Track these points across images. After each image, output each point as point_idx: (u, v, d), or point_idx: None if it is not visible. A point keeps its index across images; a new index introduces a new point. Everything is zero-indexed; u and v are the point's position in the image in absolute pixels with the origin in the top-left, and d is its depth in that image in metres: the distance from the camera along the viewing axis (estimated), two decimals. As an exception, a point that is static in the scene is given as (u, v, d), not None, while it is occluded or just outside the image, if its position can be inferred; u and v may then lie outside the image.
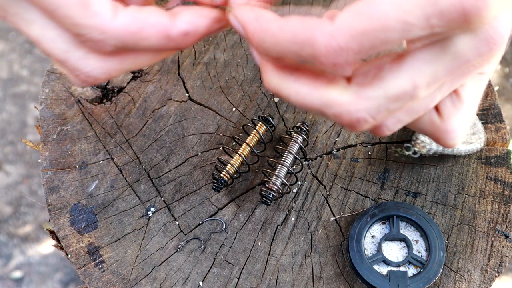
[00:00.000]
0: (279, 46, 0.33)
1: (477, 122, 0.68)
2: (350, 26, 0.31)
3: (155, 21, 0.35)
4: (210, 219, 0.66)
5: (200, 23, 0.36)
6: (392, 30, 0.30)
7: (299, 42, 0.32)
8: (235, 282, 0.63)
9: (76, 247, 0.64)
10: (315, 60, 0.32)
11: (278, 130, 0.71)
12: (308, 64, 0.33)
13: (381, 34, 0.31)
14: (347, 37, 0.31)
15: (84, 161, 0.69)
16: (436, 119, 0.38)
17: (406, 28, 0.30)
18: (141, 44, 0.35)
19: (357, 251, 0.61)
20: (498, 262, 0.63)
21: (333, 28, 0.31)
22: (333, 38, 0.31)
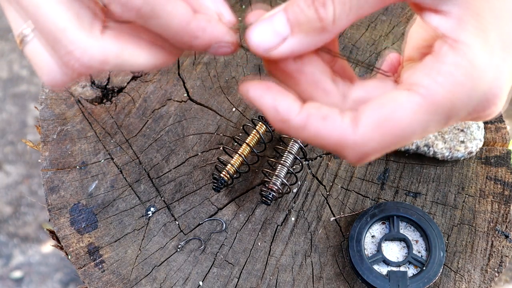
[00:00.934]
0: (303, 139, 0.36)
1: (476, 131, 0.66)
2: (375, 143, 0.34)
3: (181, 3, 0.34)
4: (210, 219, 0.66)
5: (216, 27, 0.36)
6: (413, 139, 0.34)
7: (326, 145, 0.35)
8: (235, 282, 0.63)
9: (76, 247, 0.64)
10: (341, 155, 0.36)
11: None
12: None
13: (402, 144, 0.34)
14: (372, 151, 0.34)
15: (84, 161, 0.69)
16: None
17: (425, 135, 0.35)
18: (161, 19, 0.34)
19: (357, 251, 0.61)
20: (498, 262, 0.63)
21: (359, 143, 0.34)
22: (360, 150, 0.34)
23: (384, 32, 0.77)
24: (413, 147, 0.66)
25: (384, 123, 0.33)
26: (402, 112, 0.33)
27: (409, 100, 0.33)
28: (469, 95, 0.33)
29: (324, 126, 0.34)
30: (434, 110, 0.33)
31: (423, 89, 0.33)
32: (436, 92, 0.33)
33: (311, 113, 0.35)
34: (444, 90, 0.32)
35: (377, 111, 0.34)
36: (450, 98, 0.33)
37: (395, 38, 0.77)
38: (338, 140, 0.34)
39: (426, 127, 0.33)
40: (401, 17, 0.78)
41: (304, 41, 0.35)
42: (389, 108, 0.33)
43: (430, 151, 0.65)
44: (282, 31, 0.35)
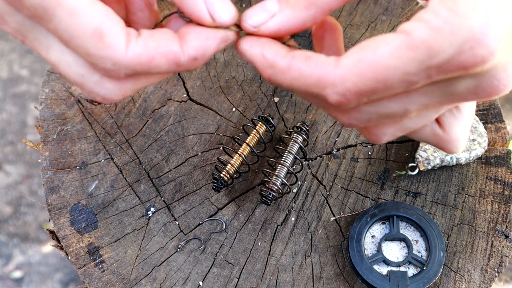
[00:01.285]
0: (288, 83, 0.36)
1: (478, 126, 0.67)
2: (356, 77, 0.33)
3: (165, 50, 0.36)
4: (210, 219, 0.66)
5: (208, 46, 0.37)
6: (394, 81, 0.33)
7: (309, 85, 0.35)
8: (235, 282, 0.63)
9: (76, 247, 0.64)
10: (323, 100, 0.36)
11: (278, 130, 0.71)
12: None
13: (383, 85, 0.33)
14: (356, 96, 0.34)
15: (84, 161, 0.69)
16: (438, 131, 0.40)
17: (409, 85, 0.33)
18: (152, 71, 0.37)
19: (357, 251, 0.61)
20: (498, 262, 0.63)
21: (339, 78, 0.34)
22: (340, 87, 0.34)
23: (384, 32, 0.77)
24: (438, 162, 0.65)
25: (365, 58, 0.33)
26: (384, 48, 0.33)
27: (393, 38, 0.33)
28: (452, 32, 0.32)
29: (307, 66, 0.35)
30: (416, 46, 0.32)
31: (409, 27, 0.33)
32: (420, 29, 0.32)
33: (295, 55, 0.36)
34: (426, 27, 0.32)
35: (361, 49, 0.34)
36: (433, 34, 0.32)
37: (395, 38, 0.77)
38: (319, 77, 0.35)
39: (407, 65, 0.33)
40: (401, 17, 0.78)
41: (291, 16, 0.36)
42: (372, 45, 0.34)
43: (453, 159, 0.65)
44: (271, 8, 0.37)
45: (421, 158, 0.65)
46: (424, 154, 0.65)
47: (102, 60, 0.35)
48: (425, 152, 0.65)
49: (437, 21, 0.32)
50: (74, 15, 0.34)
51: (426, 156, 0.65)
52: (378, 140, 0.40)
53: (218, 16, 0.37)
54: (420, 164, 0.65)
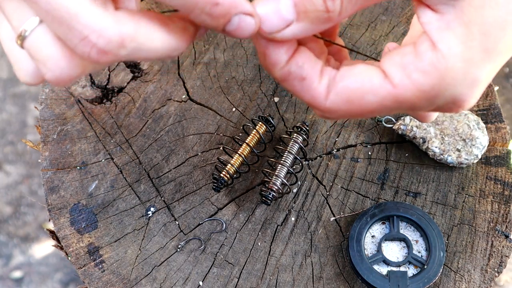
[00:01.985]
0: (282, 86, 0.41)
1: (475, 144, 0.66)
2: (342, 113, 0.38)
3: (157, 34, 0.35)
4: (210, 219, 0.66)
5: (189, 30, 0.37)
6: (376, 115, 0.38)
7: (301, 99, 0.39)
8: (235, 282, 0.63)
9: (76, 247, 0.64)
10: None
11: (278, 130, 0.71)
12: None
13: (364, 117, 0.39)
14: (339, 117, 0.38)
15: (84, 161, 0.69)
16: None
17: (388, 113, 0.38)
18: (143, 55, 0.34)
19: (357, 251, 0.61)
20: (498, 262, 0.63)
21: (328, 110, 0.38)
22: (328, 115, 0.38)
23: (384, 32, 0.77)
24: (410, 135, 0.67)
25: (353, 100, 0.36)
26: (372, 97, 0.36)
27: (381, 86, 0.36)
28: (436, 97, 0.35)
29: (300, 87, 0.37)
30: (401, 102, 0.36)
31: (396, 80, 0.35)
32: (407, 87, 0.35)
33: (291, 72, 0.37)
34: (414, 87, 0.35)
35: (350, 86, 0.36)
36: (418, 95, 0.35)
37: (395, 38, 0.77)
38: (310, 101, 0.38)
39: (389, 111, 0.37)
40: (401, 17, 0.78)
41: (308, 28, 0.36)
42: (361, 87, 0.36)
43: (424, 146, 0.66)
44: (287, 16, 0.36)
45: (402, 121, 0.67)
46: (407, 120, 0.67)
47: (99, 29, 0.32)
48: (409, 120, 0.67)
49: (425, 85, 0.35)
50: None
51: (406, 123, 0.67)
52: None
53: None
54: (396, 124, 0.68)
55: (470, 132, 0.65)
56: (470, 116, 0.67)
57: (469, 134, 0.65)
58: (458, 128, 0.66)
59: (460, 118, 0.67)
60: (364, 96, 0.36)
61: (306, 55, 0.38)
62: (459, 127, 0.66)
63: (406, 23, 0.78)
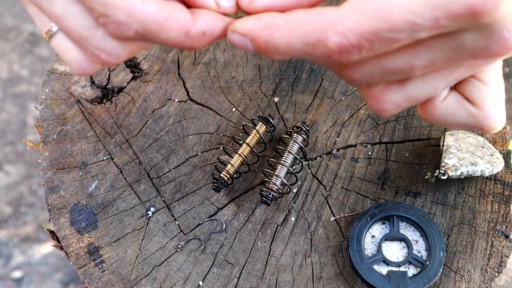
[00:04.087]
0: (286, 39, 0.33)
1: (490, 145, 0.66)
2: (358, 16, 0.31)
3: (179, 16, 0.35)
4: (210, 219, 0.66)
5: (216, 26, 0.36)
6: (402, 31, 0.31)
7: (308, 33, 0.33)
8: (235, 282, 0.63)
9: (76, 247, 0.64)
10: (324, 49, 0.33)
11: (278, 130, 0.71)
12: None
13: (390, 35, 0.31)
14: (358, 38, 0.32)
15: (84, 161, 0.69)
16: (472, 110, 0.39)
17: (415, 28, 0.31)
18: (160, 35, 0.35)
19: (357, 251, 0.61)
20: (498, 262, 0.63)
21: (340, 17, 0.32)
22: (341, 26, 0.32)
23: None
24: (465, 172, 0.64)
25: (369, 9, 0.31)
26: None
27: None
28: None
29: (306, 14, 0.33)
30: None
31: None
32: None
33: (294, 11, 0.34)
34: None
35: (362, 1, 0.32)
36: None
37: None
38: (318, 21, 0.32)
39: (411, 3, 0.31)
40: (401, 17, 0.78)
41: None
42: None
43: (478, 170, 0.64)
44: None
45: (448, 164, 0.63)
46: (449, 161, 0.63)
47: (116, 10, 0.33)
48: (451, 160, 0.64)
49: None
50: None
51: (452, 163, 0.64)
52: (381, 108, 0.38)
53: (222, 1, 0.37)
54: (447, 169, 0.63)
55: (476, 138, 0.67)
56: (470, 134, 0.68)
57: (476, 140, 0.66)
58: (470, 142, 0.66)
59: (462, 135, 0.67)
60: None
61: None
62: (470, 140, 0.66)
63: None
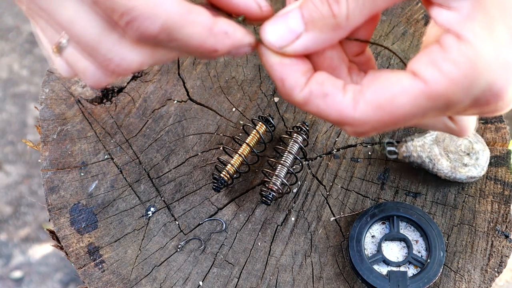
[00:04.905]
0: (306, 110, 0.37)
1: (480, 156, 0.65)
2: (374, 123, 0.35)
3: (202, 13, 0.35)
4: (210, 219, 0.66)
5: (238, 30, 0.36)
6: (409, 122, 0.35)
7: (327, 120, 0.36)
8: (235, 282, 0.63)
9: (76, 247, 0.64)
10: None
11: (278, 130, 0.71)
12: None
13: (400, 125, 0.35)
14: (371, 130, 0.36)
15: (84, 161, 0.69)
16: (449, 124, 0.41)
17: (421, 119, 0.35)
18: (185, 30, 0.34)
19: (357, 251, 0.61)
20: (498, 262, 0.63)
21: (358, 122, 0.35)
22: (359, 129, 0.36)
23: (384, 32, 0.77)
24: (418, 161, 0.65)
25: (384, 105, 0.34)
26: (404, 98, 0.34)
27: (412, 86, 0.33)
28: (471, 86, 0.33)
29: (324, 104, 0.36)
30: (435, 98, 0.33)
31: (427, 76, 0.33)
32: (439, 80, 0.33)
33: (312, 91, 0.36)
34: (447, 78, 0.33)
35: (379, 92, 0.34)
36: (452, 87, 0.33)
37: (395, 38, 0.77)
38: (338, 117, 0.35)
39: (424, 113, 0.34)
40: (401, 17, 0.78)
41: (318, 37, 0.36)
42: (391, 90, 0.34)
43: (434, 168, 0.65)
44: (296, 28, 0.36)
45: (405, 149, 0.65)
46: (410, 148, 0.65)
47: (140, 5, 0.33)
48: (412, 147, 0.65)
49: (457, 74, 0.33)
50: None
51: (410, 150, 0.65)
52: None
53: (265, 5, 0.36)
54: (400, 152, 0.66)
55: (472, 146, 0.65)
56: None
57: (471, 147, 0.65)
58: (460, 144, 0.65)
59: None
60: (395, 99, 0.34)
61: (325, 74, 0.37)
62: (460, 142, 0.65)
63: (406, 23, 0.78)
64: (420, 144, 0.65)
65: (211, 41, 0.35)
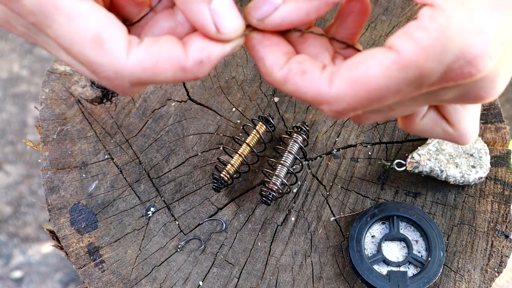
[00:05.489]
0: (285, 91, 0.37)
1: (484, 157, 0.65)
2: (349, 98, 0.34)
3: (169, 54, 0.35)
4: (210, 219, 0.66)
5: (213, 49, 0.36)
6: (386, 97, 0.34)
7: (305, 99, 0.36)
8: (235, 282, 0.63)
9: (76, 247, 0.64)
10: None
11: (278, 130, 0.71)
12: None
13: (376, 100, 0.35)
14: (347, 106, 0.35)
15: (84, 161, 0.69)
16: (448, 129, 0.41)
17: (398, 94, 0.34)
18: (157, 79, 0.35)
19: (357, 251, 0.61)
20: (498, 262, 0.63)
21: (334, 98, 0.35)
22: (335, 106, 0.35)
23: (384, 32, 0.77)
24: (427, 169, 0.64)
25: (357, 78, 0.34)
26: (376, 69, 0.33)
27: (384, 57, 0.33)
28: (443, 52, 0.32)
29: (302, 82, 0.36)
30: (407, 67, 0.33)
31: (399, 46, 0.33)
32: (410, 48, 0.32)
33: (291, 69, 0.36)
34: (417, 46, 0.32)
35: (353, 67, 0.34)
36: (423, 54, 0.32)
37: (395, 38, 0.77)
38: (314, 95, 0.36)
39: (398, 85, 0.33)
40: (401, 17, 0.78)
41: (294, 8, 0.36)
42: (364, 65, 0.34)
43: (443, 174, 0.64)
44: (275, 1, 0.36)
45: (413, 159, 0.65)
46: (417, 157, 0.64)
47: (103, 68, 0.34)
48: (419, 156, 0.65)
49: (428, 40, 0.32)
50: (73, 21, 0.33)
51: (418, 160, 0.64)
52: (360, 124, 0.42)
53: (223, 27, 0.36)
54: (408, 164, 0.65)
55: (472, 145, 0.65)
56: None
57: (472, 147, 0.65)
58: (459, 146, 0.65)
59: None
60: (368, 71, 0.33)
61: (305, 56, 0.37)
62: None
63: (406, 23, 0.78)
64: (424, 152, 0.65)
65: (189, 75, 0.36)
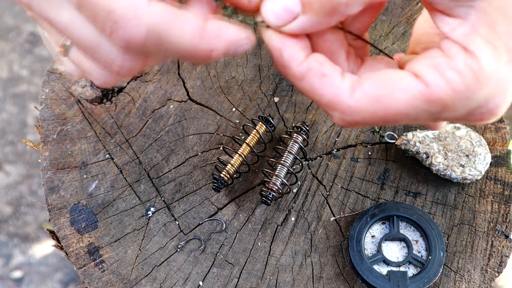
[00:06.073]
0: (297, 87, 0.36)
1: (477, 160, 0.65)
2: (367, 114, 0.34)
3: (189, 15, 0.34)
4: (210, 219, 0.66)
5: (231, 28, 0.36)
6: (400, 121, 0.35)
7: (318, 101, 0.36)
8: (235, 282, 0.63)
9: (76, 247, 0.64)
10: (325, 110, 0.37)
11: (278, 130, 0.71)
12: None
13: (389, 122, 0.35)
14: (361, 121, 0.35)
15: (84, 161, 0.69)
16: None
17: (413, 120, 0.35)
18: (173, 37, 0.33)
19: (357, 251, 0.61)
20: (498, 262, 0.63)
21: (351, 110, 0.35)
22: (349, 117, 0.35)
23: (384, 32, 0.77)
24: (413, 150, 0.66)
25: (381, 99, 0.34)
26: (402, 95, 0.34)
27: (413, 85, 0.34)
28: (470, 98, 0.33)
29: (320, 84, 0.35)
30: (433, 102, 0.33)
31: (429, 79, 0.33)
32: (441, 86, 0.33)
33: (311, 67, 0.35)
34: (449, 86, 0.33)
35: (379, 85, 0.34)
36: (452, 95, 0.33)
37: (395, 38, 0.77)
38: (331, 101, 0.35)
39: (417, 114, 0.34)
40: (401, 17, 0.78)
41: (314, 20, 0.35)
42: (391, 86, 0.34)
43: (427, 161, 0.65)
44: (293, 9, 0.35)
45: (405, 136, 0.66)
46: (409, 136, 0.66)
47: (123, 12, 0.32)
48: (412, 136, 0.66)
49: (459, 84, 0.33)
50: None
51: (409, 138, 0.66)
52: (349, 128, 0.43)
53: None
54: (399, 140, 0.67)
55: (473, 149, 0.65)
56: (472, 133, 0.67)
57: (471, 150, 0.65)
58: (461, 145, 0.65)
59: (462, 134, 0.66)
60: (393, 95, 0.34)
61: (323, 56, 0.37)
62: (462, 143, 0.65)
63: (406, 23, 0.78)
64: (421, 137, 0.66)
65: (204, 43, 0.34)
